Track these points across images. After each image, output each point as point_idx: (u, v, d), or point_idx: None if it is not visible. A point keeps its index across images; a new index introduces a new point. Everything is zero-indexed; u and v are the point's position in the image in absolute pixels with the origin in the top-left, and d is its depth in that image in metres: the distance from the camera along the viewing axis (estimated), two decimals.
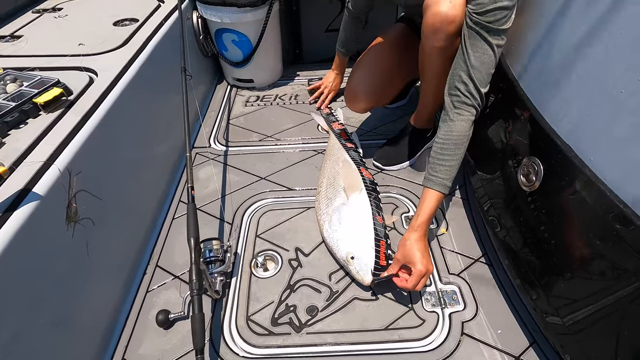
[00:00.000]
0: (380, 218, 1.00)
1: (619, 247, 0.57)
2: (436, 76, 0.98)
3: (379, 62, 1.19)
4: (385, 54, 1.19)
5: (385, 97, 1.28)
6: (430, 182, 0.88)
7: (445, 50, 0.91)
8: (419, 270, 0.80)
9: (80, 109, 0.85)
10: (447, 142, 0.87)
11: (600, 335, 0.61)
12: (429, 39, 0.91)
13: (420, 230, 0.85)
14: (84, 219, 0.77)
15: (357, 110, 1.30)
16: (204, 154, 1.32)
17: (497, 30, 0.78)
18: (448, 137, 0.87)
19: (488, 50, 0.81)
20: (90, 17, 1.33)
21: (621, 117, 0.57)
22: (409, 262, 0.83)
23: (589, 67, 0.63)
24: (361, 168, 1.13)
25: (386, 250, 0.92)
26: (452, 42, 0.88)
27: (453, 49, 0.88)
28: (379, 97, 1.24)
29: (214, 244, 0.90)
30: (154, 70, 1.15)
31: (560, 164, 0.68)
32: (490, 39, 0.79)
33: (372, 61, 1.20)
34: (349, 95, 1.24)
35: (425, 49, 0.96)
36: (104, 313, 0.83)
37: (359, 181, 1.07)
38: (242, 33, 1.51)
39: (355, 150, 1.22)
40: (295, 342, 0.82)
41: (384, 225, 0.98)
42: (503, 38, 0.80)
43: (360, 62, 1.22)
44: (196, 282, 0.76)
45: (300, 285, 0.92)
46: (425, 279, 0.82)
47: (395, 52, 1.18)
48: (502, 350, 0.78)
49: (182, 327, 0.85)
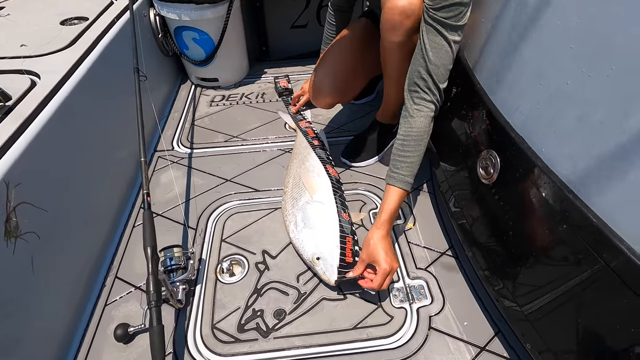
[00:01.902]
0: (346, 215, 0.99)
1: (571, 235, 0.58)
2: (397, 71, 0.98)
3: (342, 57, 1.17)
4: (348, 49, 1.17)
5: (350, 93, 1.26)
6: (392, 180, 0.88)
7: (404, 46, 0.90)
8: (383, 269, 0.80)
9: (19, 114, 0.79)
10: (408, 138, 0.86)
11: (557, 321, 0.62)
12: (388, 34, 0.91)
13: (384, 228, 0.85)
14: (27, 234, 0.71)
15: (322, 106, 1.28)
16: (167, 158, 1.27)
17: (454, 26, 0.78)
18: (408, 133, 0.86)
19: (445, 46, 0.80)
20: (35, 16, 1.24)
21: (568, 108, 0.58)
22: (373, 261, 0.82)
23: (537, 60, 0.64)
24: (327, 166, 1.12)
25: (353, 247, 0.92)
26: (411, 37, 0.88)
27: (412, 44, 0.88)
28: (343, 93, 1.23)
29: (175, 251, 0.87)
30: (106, 72, 1.09)
31: (515, 156, 0.69)
32: (447, 34, 0.79)
33: (335, 57, 1.18)
34: (313, 92, 1.23)
35: (384, 44, 0.95)
36: (58, 331, 0.79)
37: (324, 180, 1.06)
38: (203, 31, 1.46)
39: (322, 147, 1.21)
40: (263, 348, 0.80)
41: (350, 222, 0.98)
42: (460, 34, 0.80)
43: (324, 58, 1.21)
44: (154, 293, 0.72)
45: (268, 288, 0.90)
46: (390, 277, 0.82)
47: (359, 48, 1.16)
48: (468, 342, 0.79)
49: (142, 340, 0.81)
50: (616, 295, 0.52)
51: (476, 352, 0.77)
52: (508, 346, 0.78)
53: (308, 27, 1.80)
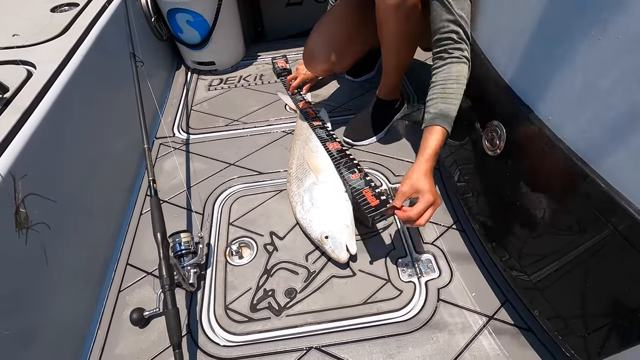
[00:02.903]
0: (356, 175, 0.98)
1: (579, 202, 0.58)
2: (394, 37, 0.96)
3: (337, 24, 1.15)
4: (344, 16, 1.15)
5: (345, 60, 1.22)
6: (436, 119, 0.81)
7: (400, 8, 0.88)
8: (427, 198, 0.74)
9: (18, 106, 0.78)
10: (448, 80, 0.81)
11: (565, 288, 0.63)
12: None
13: (427, 164, 0.79)
14: (37, 224, 0.72)
15: (315, 72, 1.26)
16: (168, 144, 1.27)
17: None
18: (448, 77, 0.81)
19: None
20: (23, 5, 1.21)
21: (575, 75, 0.57)
22: (417, 191, 0.77)
23: (542, 25, 0.62)
24: (327, 143, 1.11)
25: (374, 192, 0.90)
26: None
27: (407, 6, 0.86)
28: (337, 60, 1.18)
29: (183, 236, 0.88)
30: (101, 59, 1.07)
31: (522, 126, 0.68)
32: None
33: (331, 23, 1.16)
34: (306, 57, 1.20)
35: (379, 7, 0.92)
36: (75, 319, 0.80)
37: (326, 161, 1.05)
38: (197, 12, 1.42)
39: (323, 127, 1.20)
40: (276, 326, 0.81)
41: (364, 177, 0.97)
42: None
43: (319, 23, 1.18)
44: (167, 277, 0.73)
45: (277, 269, 0.92)
46: (432, 210, 0.76)
47: (355, 15, 1.13)
48: (476, 312, 0.81)
49: (158, 323, 0.83)
50: (624, 258, 0.52)
51: (485, 321, 0.79)
52: (516, 314, 0.80)
53: (304, 4, 1.75)
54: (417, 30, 0.96)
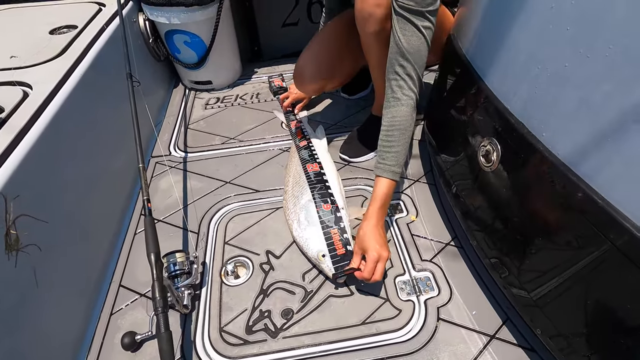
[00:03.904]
0: (327, 205, 0.98)
1: (576, 217, 0.58)
2: (378, 61, 0.98)
3: (326, 43, 1.17)
4: (334, 37, 1.17)
5: (334, 80, 1.24)
6: (379, 170, 0.88)
7: (380, 35, 0.90)
8: (372, 256, 0.80)
9: (13, 126, 0.78)
10: (392, 128, 0.87)
11: (567, 305, 0.62)
12: (362, 25, 0.91)
13: (373, 218, 0.85)
14: (28, 246, 0.71)
15: (306, 92, 1.28)
16: (164, 163, 1.27)
17: (420, 11, 0.80)
18: (392, 123, 0.87)
19: (416, 32, 0.82)
20: (23, 27, 1.23)
21: (567, 91, 0.57)
22: (364, 250, 0.82)
23: (533, 43, 0.63)
24: (307, 165, 1.12)
25: (341, 236, 0.91)
26: (384, 25, 0.88)
27: (386, 33, 0.88)
28: (326, 79, 1.20)
29: (178, 256, 0.86)
30: (98, 80, 1.08)
31: (516, 142, 0.68)
32: (417, 22, 0.80)
33: (320, 43, 1.18)
34: (296, 77, 1.22)
35: (362, 36, 0.95)
36: (65, 343, 0.78)
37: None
38: (194, 33, 1.45)
39: (308, 147, 1.20)
40: (272, 348, 0.79)
41: (334, 210, 0.97)
42: (431, 20, 0.81)
43: (309, 44, 1.20)
44: (160, 299, 0.72)
45: (274, 288, 0.90)
46: (381, 265, 0.81)
47: (344, 36, 1.16)
48: (478, 331, 0.79)
49: (151, 347, 0.80)
50: (623, 274, 0.52)
51: (487, 340, 0.77)
52: (517, 333, 0.78)
53: (299, 24, 1.79)
54: None
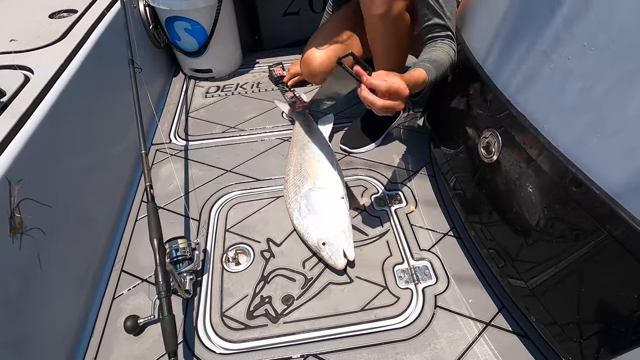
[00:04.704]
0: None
1: (573, 209, 0.59)
2: (383, 45, 0.98)
3: (335, 33, 1.17)
4: (342, 25, 1.17)
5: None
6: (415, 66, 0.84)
7: (386, 17, 0.90)
8: (394, 81, 0.71)
9: (15, 110, 0.78)
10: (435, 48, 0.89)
11: (562, 294, 0.64)
12: (367, 7, 0.90)
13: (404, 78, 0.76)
14: (32, 229, 0.71)
15: (314, 80, 1.28)
16: (165, 151, 1.27)
17: None
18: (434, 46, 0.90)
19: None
20: (22, 11, 1.21)
21: (570, 84, 0.58)
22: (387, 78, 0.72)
23: (536, 34, 0.64)
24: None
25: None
26: (390, 7, 0.88)
27: (392, 15, 0.88)
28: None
29: (180, 242, 0.87)
30: (99, 65, 1.07)
31: (517, 134, 0.69)
32: None
33: (328, 32, 1.18)
34: (304, 66, 1.22)
35: (367, 20, 0.95)
36: (68, 327, 0.79)
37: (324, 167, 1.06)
38: (195, 20, 1.43)
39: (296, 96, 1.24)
40: (273, 333, 0.81)
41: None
42: None
43: (317, 33, 1.20)
44: (163, 283, 0.73)
45: (274, 275, 0.91)
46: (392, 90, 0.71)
47: (351, 24, 1.16)
48: (474, 319, 0.81)
49: (153, 331, 0.82)
50: (619, 263, 0.53)
51: (482, 327, 0.79)
52: (512, 320, 0.80)
53: (300, 14, 1.77)
54: (406, 37, 0.98)
